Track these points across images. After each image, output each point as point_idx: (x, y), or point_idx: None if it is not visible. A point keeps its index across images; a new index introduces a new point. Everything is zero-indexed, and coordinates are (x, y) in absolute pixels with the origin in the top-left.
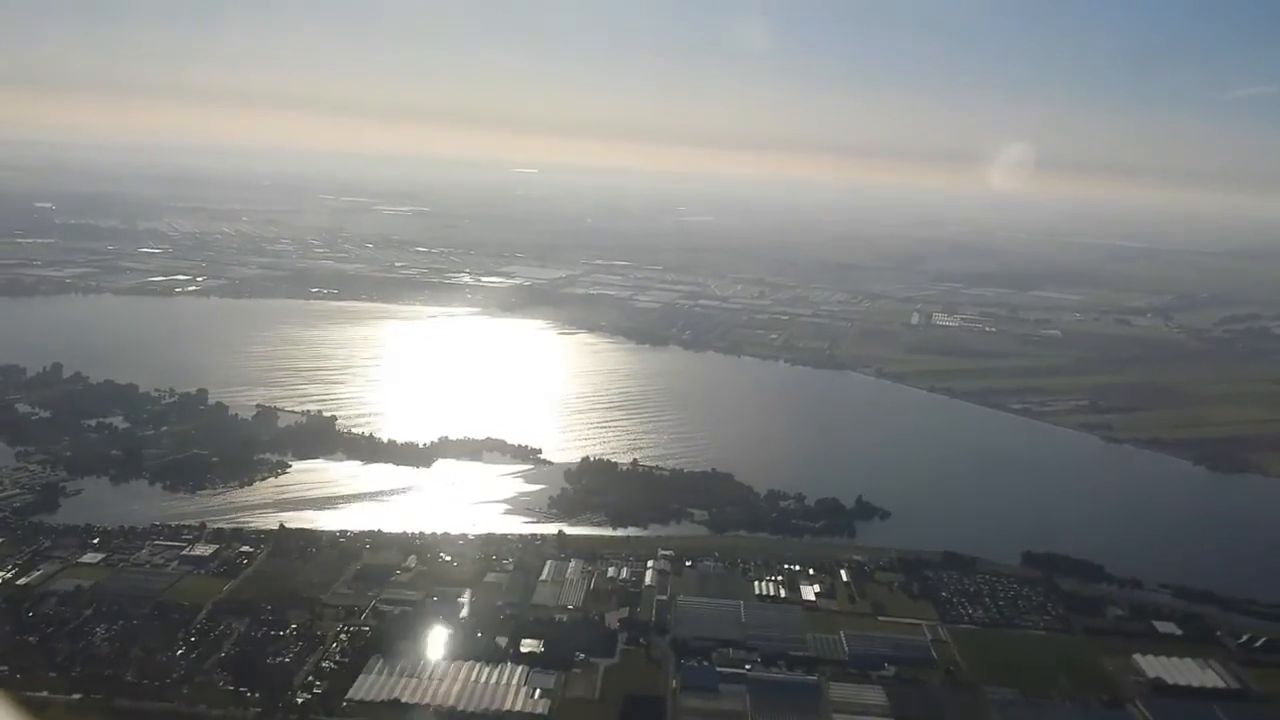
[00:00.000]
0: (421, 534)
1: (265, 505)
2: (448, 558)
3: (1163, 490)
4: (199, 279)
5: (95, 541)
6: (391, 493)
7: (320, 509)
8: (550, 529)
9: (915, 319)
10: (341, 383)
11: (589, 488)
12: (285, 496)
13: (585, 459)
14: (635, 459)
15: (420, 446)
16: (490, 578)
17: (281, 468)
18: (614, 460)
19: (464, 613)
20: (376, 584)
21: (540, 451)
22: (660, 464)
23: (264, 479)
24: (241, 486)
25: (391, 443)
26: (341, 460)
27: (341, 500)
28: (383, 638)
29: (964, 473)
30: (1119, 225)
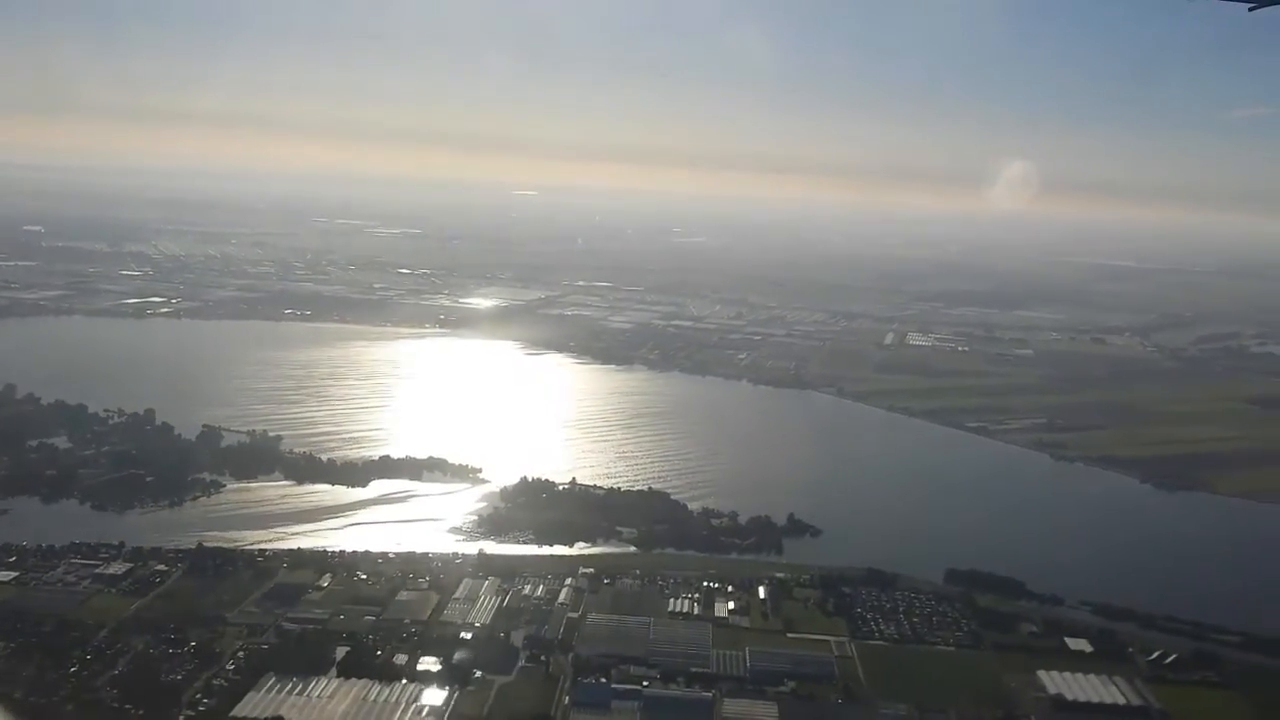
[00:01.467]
0: (342, 553)
1: (192, 525)
2: (364, 576)
3: (1102, 508)
4: (173, 301)
5: (12, 560)
6: (321, 512)
7: (246, 528)
8: (476, 547)
9: (889, 339)
10: (296, 403)
11: (522, 507)
12: (213, 516)
13: (523, 479)
14: (574, 478)
15: (359, 466)
16: (402, 596)
17: (215, 487)
18: (552, 480)
19: (368, 631)
20: (286, 602)
21: (481, 471)
22: (599, 483)
23: (195, 499)
24: (170, 506)
25: (331, 462)
26: (278, 480)
27: (269, 520)
28: (279, 656)
29: (903, 491)
30: (1116, 244)
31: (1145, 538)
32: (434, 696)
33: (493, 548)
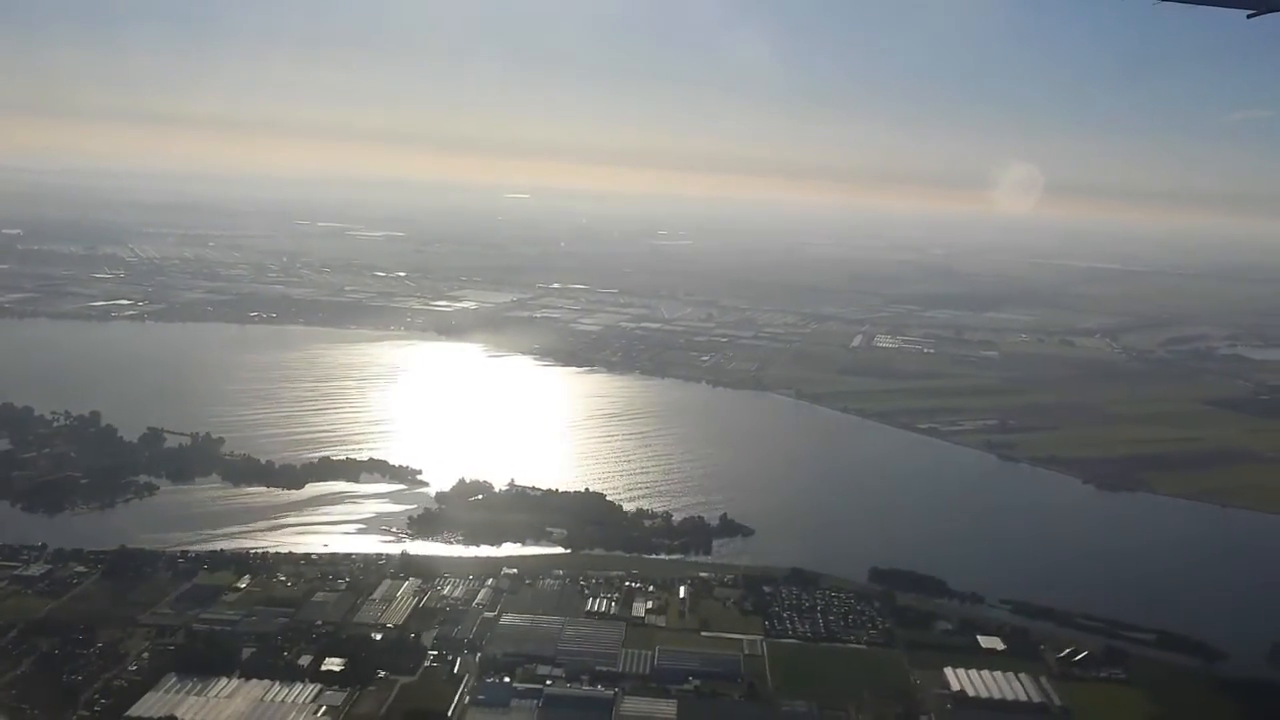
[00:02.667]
0: (265, 555)
1: (119, 527)
2: (283, 578)
3: (1038, 508)
4: (140, 304)
5: None
6: (252, 514)
7: (173, 530)
8: (403, 549)
9: (857, 341)
10: (245, 406)
11: (455, 508)
12: (142, 518)
13: (461, 480)
14: (512, 480)
15: (297, 469)
16: (318, 597)
17: (149, 490)
18: (490, 482)
19: (279, 632)
20: (200, 604)
21: (420, 473)
22: (537, 485)
23: (127, 501)
24: (101, 509)
25: (270, 464)
26: (215, 482)
27: (198, 522)
28: (184, 656)
29: (841, 491)
30: (1106, 247)
31: (1076, 537)
32: (334, 697)
33: (419, 548)
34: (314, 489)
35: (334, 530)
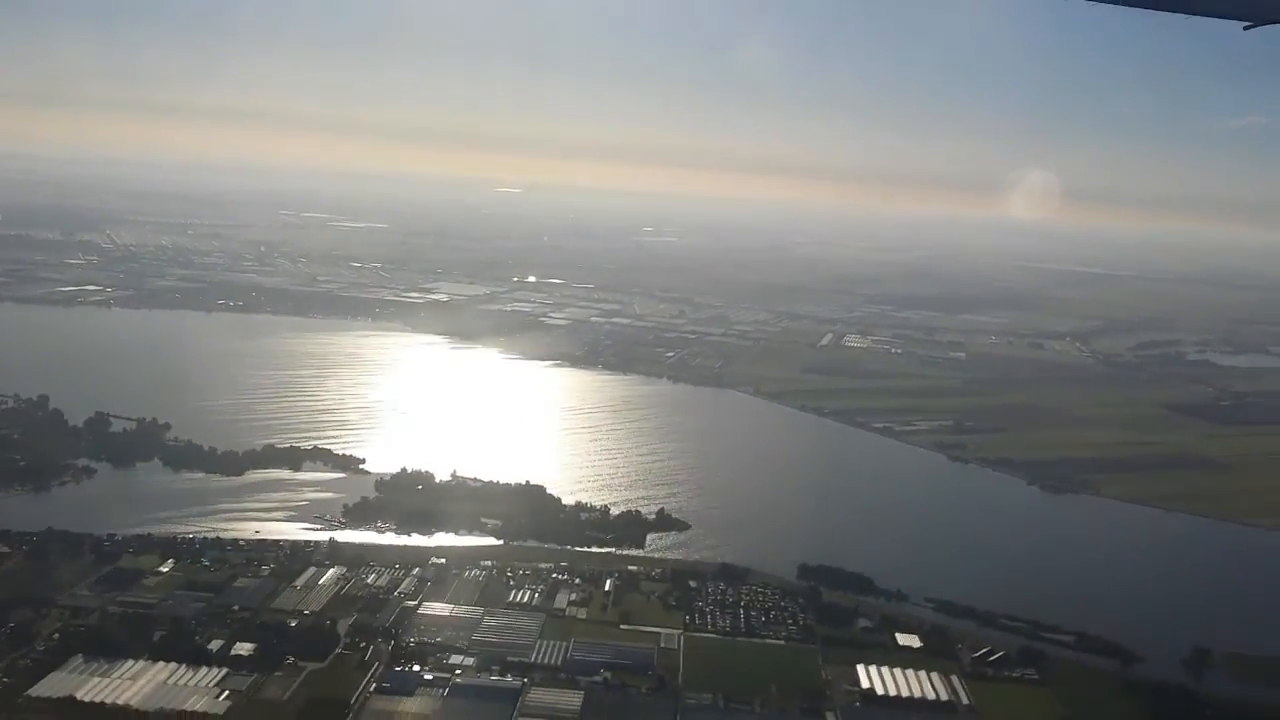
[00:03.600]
0: (192, 539)
1: (51, 510)
2: (207, 563)
3: (978, 508)
4: (108, 290)
5: None
6: (187, 499)
7: (105, 513)
8: (336, 536)
9: (825, 340)
10: (197, 392)
11: (393, 497)
12: (76, 501)
13: (403, 469)
14: (455, 470)
15: (239, 455)
16: (240, 582)
17: (87, 473)
18: (432, 472)
19: (194, 616)
20: (120, 587)
21: (364, 462)
22: (478, 476)
23: (63, 484)
24: (35, 491)
25: (211, 450)
26: (156, 467)
27: (132, 506)
28: (94, 638)
29: (783, 488)
30: (1096, 251)
31: (1011, 538)
32: (239, 681)
33: (350, 537)
34: (253, 476)
35: (267, 517)
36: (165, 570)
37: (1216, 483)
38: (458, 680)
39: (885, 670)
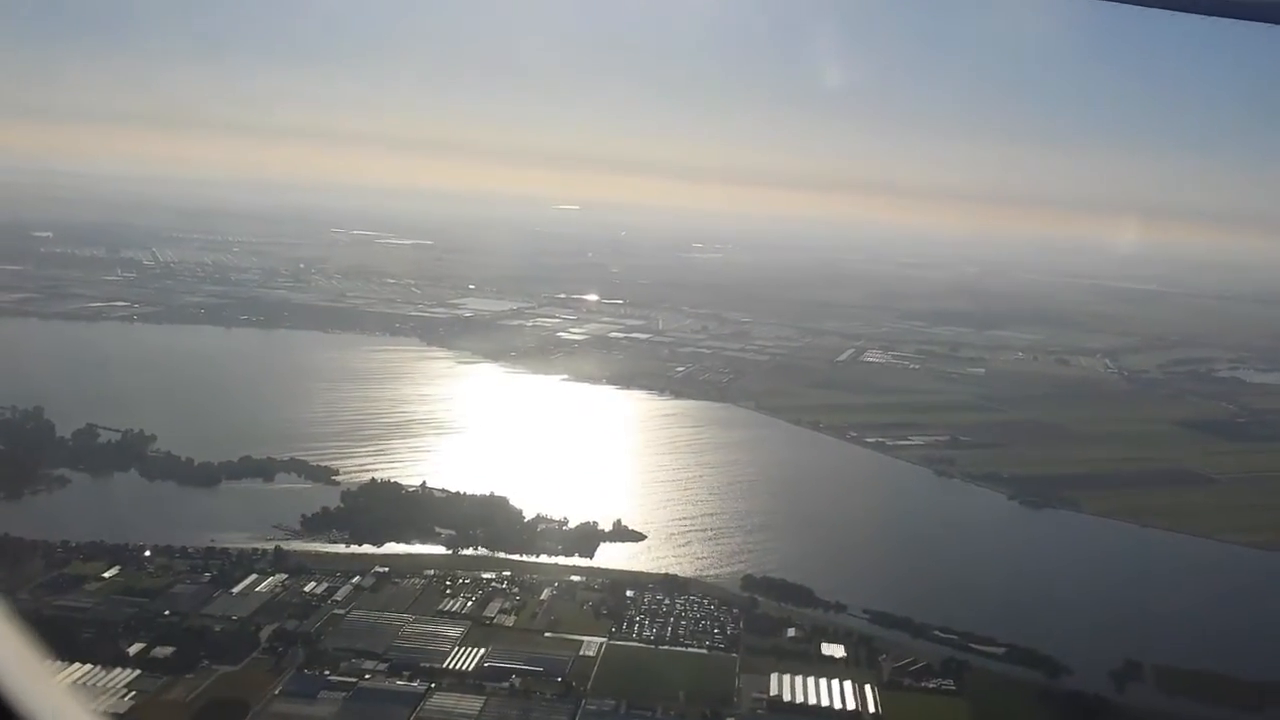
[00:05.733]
0: (142, 546)
1: (18, 517)
2: (151, 569)
3: (947, 522)
4: (135, 306)
5: None
6: (151, 508)
7: (69, 522)
8: (289, 545)
9: (844, 356)
10: (194, 403)
11: (355, 506)
12: (43, 509)
13: (372, 480)
14: (424, 482)
15: (214, 465)
16: (178, 588)
17: (61, 483)
18: (401, 483)
19: (123, 620)
20: (61, 591)
21: (337, 473)
22: (448, 487)
23: (35, 493)
24: (5, 499)
25: (189, 461)
26: (133, 477)
27: (95, 514)
28: None
29: (749, 500)
30: (1153, 267)
31: (971, 552)
32: (150, 683)
33: (301, 545)
34: (226, 486)
35: (225, 526)
36: (108, 576)
37: (1202, 498)
38: (362, 685)
39: (800, 679)
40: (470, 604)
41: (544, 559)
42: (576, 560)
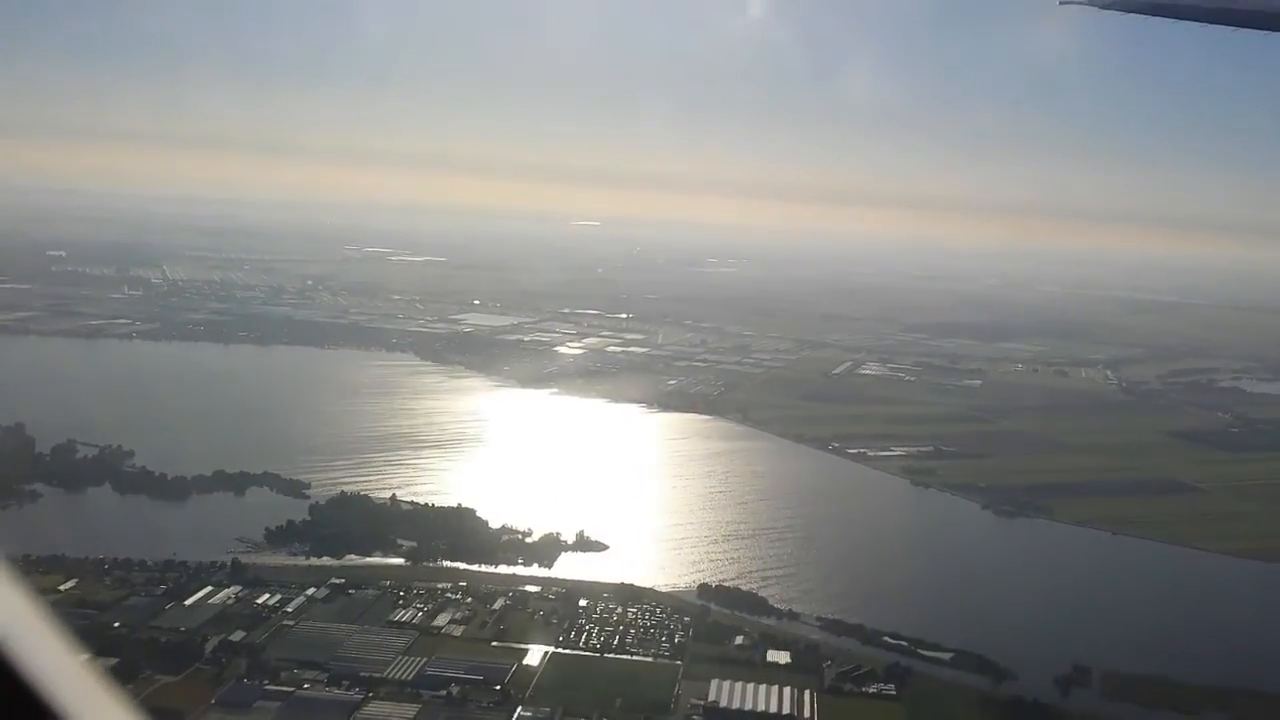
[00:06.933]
0: (101, 559)
1: None
2: (109, 582)
3: (916, 531)
4: (136, 323)
5: None
6: (117, 521)
7: (37, 535)
8: (249, 559)
9: (841, 369)
10: (174, 419)
11: (321, 519)
12: (8, 523)
13: (341, 493)
14: (394, 495)
15: (187, 480)
16: (131, 600)
17: (32, 498)
18: (371, 495)
19: (71, 631)
20: None
21: (309, 487)
22: (416, 499)
23: (4, 508)
24: None
25: (162, 476)
26: (106, 492)
27: (62, 528)
28: None
29: (719, 511)
30: (1178, 279)
31: (934, 559)
32: None
33: (261, 558)
34: (196, 500)
35: (189, 538)
36: (64, 589)
37: (1181, 507)
38: (298, 694)
39: (740, 685)
40: (420, 614)
41: (503, 569)
42: (535, 570)
